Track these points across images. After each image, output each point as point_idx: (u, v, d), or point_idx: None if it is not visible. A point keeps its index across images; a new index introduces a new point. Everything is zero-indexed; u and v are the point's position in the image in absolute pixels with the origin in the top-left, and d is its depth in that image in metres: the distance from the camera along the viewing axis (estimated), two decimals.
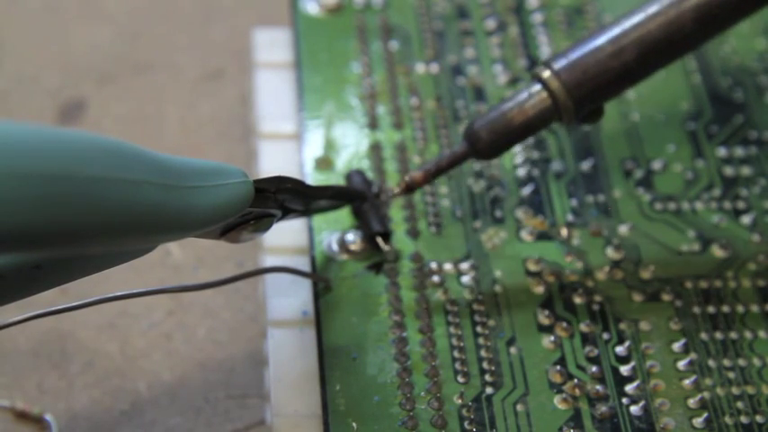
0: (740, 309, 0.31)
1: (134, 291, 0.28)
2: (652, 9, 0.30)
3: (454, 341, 0.30)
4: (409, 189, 0.30)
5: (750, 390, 0.29)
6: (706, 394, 0.29)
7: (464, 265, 0.31)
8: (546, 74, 0.30)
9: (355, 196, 0.32)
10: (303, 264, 0.31)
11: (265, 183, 0.27)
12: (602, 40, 0.30)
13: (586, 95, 0.30)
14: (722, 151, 0.34)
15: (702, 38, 0.31)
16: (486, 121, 0.30)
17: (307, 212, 0.30)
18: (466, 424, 0.29)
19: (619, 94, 0.31)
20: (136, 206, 0.23)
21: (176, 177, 0.24)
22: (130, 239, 0.23)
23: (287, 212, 0.29)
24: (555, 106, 0.30)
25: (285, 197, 0.28)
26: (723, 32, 0.31)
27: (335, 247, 0.31)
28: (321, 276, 0.31)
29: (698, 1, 0.30)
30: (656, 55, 0.30)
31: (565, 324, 0.30)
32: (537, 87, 0.30)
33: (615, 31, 0.30)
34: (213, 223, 0.25)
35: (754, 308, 0.31)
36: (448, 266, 0.31)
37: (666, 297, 0.31)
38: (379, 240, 0.31)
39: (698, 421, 0.29)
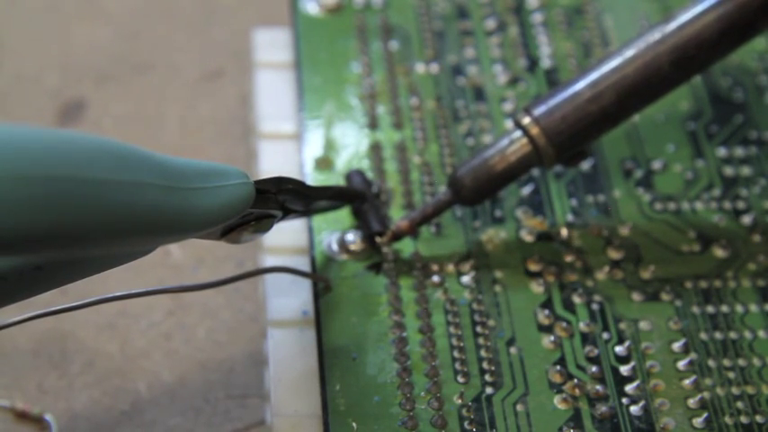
0: (740, 309, 0.31)
1: (134, 291, 0.28)
2: (629, 53, 0.31)
3: (454, 341, 0.30)
4: (396, 238, 0.31)
5: (750, 390, 0.29)
6: (706, 394, 0.29)
7: (464, 265, 0.31)
8: (526, 120, 0.31)
9: (355, 196, 0.32)
10: (303, 264, 0.31)
11: (266, 184, 0.27)
12: (580, 85, 0.31)
13: (566, 141, 0.31)
14: (722, 151, 0.34)
15: (680, 79, 0.31)
16: (468, 169, 0.31)
17: (307, 213, 0.30)
18: (466, 424, 0.29)
19: (599, 138, 0.31)
20: (137, 208, 0.23)
21: (178, 179, 0.24)
22: (132, 241, 0.23)
23: (287, 213, 0.29)
24: (536, 152, 0.31)
25: (286, 198, 0.28)
26: (701, 73, 0.32)
27: (335, 247, 0.31)
28: (321, 276, 0.31)
29: (674, 43, 0.30)
30: (634, 98, 0.31)
31: (565, 324, 0.30)
32: (517, 134, 0.31)
33: (593, 75, 0.31)
34: (214, 224, 0.25)
35: (754, 308, 0.31)
36: (448, 266, 0.31)
37: (666, 297, 0.31)
38: (378, 239, 0.31)
39: (698, 421, 0.29)
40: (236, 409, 0.31)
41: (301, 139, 0.33)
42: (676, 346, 0.30)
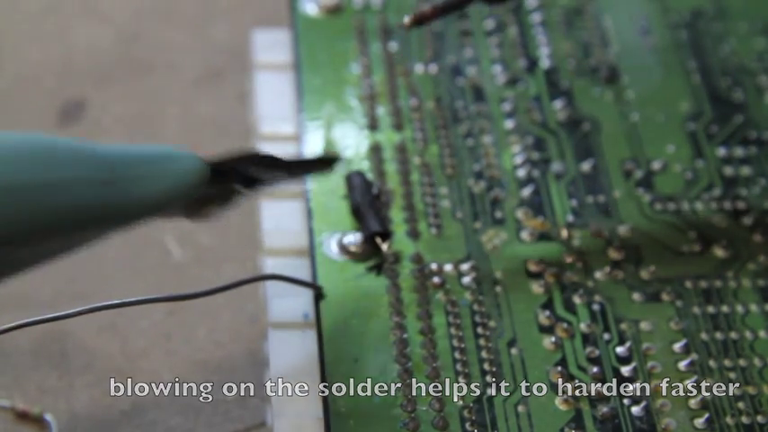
0: (740, 309, 0.31)
1: (132, 299, 0.28)
2: None
3: (455, 342, 0.30)
4: (418, 22, 0.30)
5: (751, 390, 0.29)
6: (707, 395, 0.29)
7: (464, 266, 0.31)
8: None
9: (326, 163, 0.31)
10: (303, 265, 0.31)
11: (223, 162, 0.27)
12: None
13: None
14: (722, 151, 0.34)
15: None
16: None
17: (276, 180, 0.30)
18: (467, 425, 0.29)
19: None
20: (73, 206, 0.22)
21: (115, 169, 0.23)
22: (76, 236, 0.23)
23: (253, 183, 0.28)
24: None
25: (250, 170, 0.28)
26: None
27: (336, 248, 0.31)
28: (312, 284, 0.30)
29: None
30: None
31: (565, 325, 0.30)
32: None
33: None
34: (162, 208, 0.24)
35: (755, 308, 0.31)
36: (448, 267, 0.31)
37: (667, 297, 0.31)
38: (378, 240, 0.31)
39: (699, 422, 0.29)
40: (237, 409, 0.32)
41: (301, 140, 0.33)
42: (677, 346, 0.30)
